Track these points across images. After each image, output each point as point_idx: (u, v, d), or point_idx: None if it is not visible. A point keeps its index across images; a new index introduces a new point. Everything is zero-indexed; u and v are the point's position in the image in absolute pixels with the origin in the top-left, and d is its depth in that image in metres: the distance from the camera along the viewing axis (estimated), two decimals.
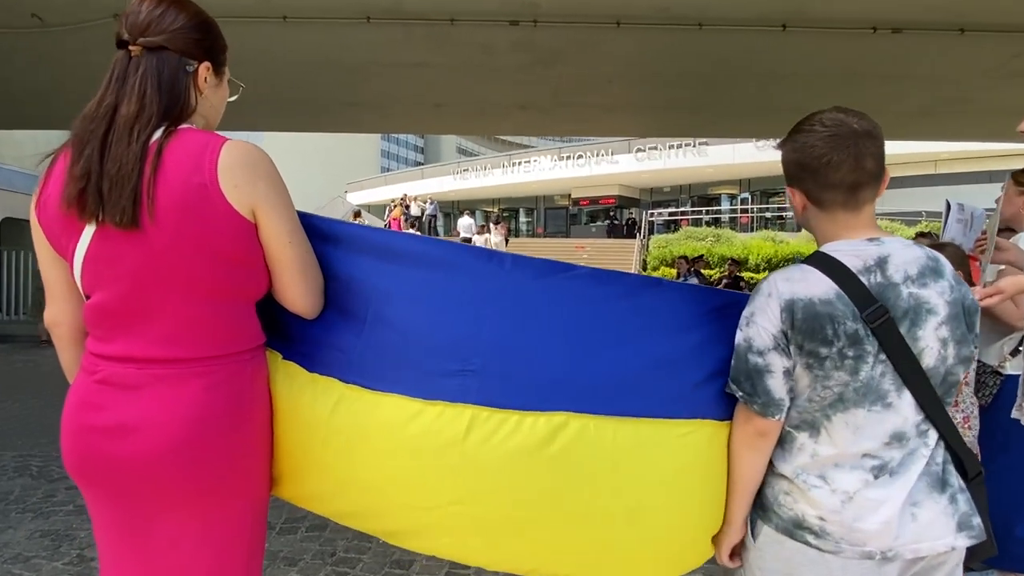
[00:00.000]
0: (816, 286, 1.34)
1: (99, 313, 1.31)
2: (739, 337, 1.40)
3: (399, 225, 20.11)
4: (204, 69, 1.38)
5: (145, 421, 1.27)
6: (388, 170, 59.01)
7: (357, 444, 1.39)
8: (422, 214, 23.37)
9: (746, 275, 16.10)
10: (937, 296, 1.35)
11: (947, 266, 1.40)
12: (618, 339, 1.42)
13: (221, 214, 1.27)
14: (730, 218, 26.72)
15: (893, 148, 20.49)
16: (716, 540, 1.51)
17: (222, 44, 1.42)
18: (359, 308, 1.42)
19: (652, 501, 1.41)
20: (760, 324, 1.36)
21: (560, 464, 1.36)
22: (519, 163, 33.03)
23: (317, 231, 1.46)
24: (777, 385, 1.36)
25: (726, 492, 1.46)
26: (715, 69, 7.84)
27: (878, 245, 1.38)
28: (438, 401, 1.36)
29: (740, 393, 1.39)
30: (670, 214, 28.08)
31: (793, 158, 1.41)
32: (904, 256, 1.37)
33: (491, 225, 19.74)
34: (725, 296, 1.54)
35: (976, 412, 2.65)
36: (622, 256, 20.02)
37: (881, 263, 1.35)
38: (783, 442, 1.41)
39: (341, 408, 1.39)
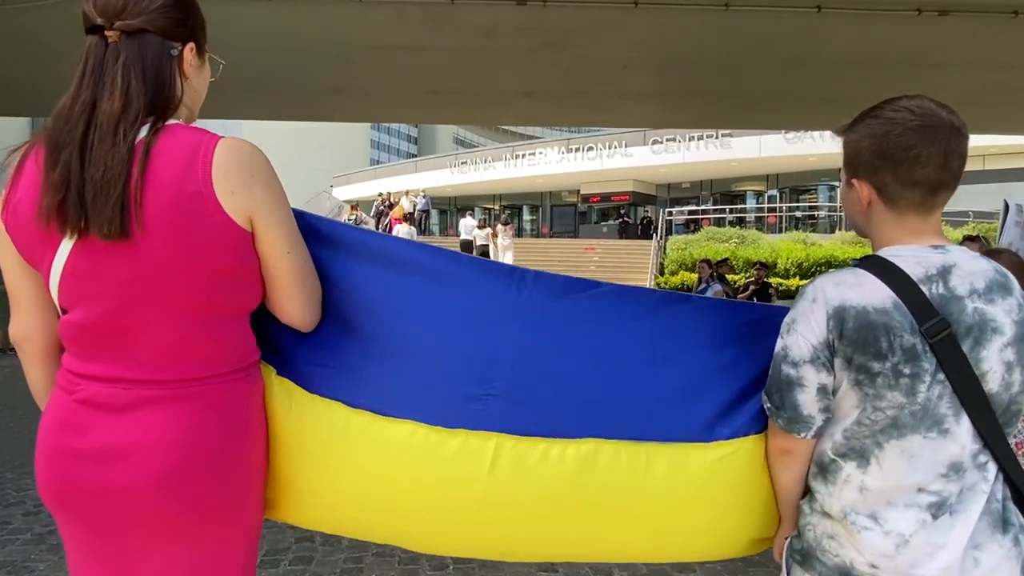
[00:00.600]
0: (871, 293, 1.32)
1: (80, 330, 1.29)
2: (778, 345, 1.40)
3: (400, 222, 20.09)
4: (189, 51, 1.36)
5: (134, 445, 1.26)
6: (378, 162, 59.19)
7: (374, 474, 1.41)
8: (414, 209, 23.39)
9: (772, 282, 16.09)
10: (1004, 314, 1.32)
11: (1016, 284, 1.38)
12: (647, 359, 1.46)
13: (216, 223, 1.26)
14: (756, 218, 26.72)
15: None
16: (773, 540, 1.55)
17: (202, 20, 1.40)
18: (364, 323, 1.44)
19: (689, 525, 1.47)
20: (800, 332, 1.35)
21: (591, 493, 1.40)
22: (523, 155, 33.07)
23: (314, 232, 1.46)
24: (807, 401, 1.36)
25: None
26: (741, 54, 7.83)
27: (943, 253, 1.35)
28: (460, 429, 1.39)
29: (768, 404, 1.41)
30: (690, 213, 28.08)
31: (871, 145, 1.37)
32: (971, 267, 1.35)
33: (499, 226, 19.75)
34: (760, 310, 1.55)
35: None
36: (636, 259, 20.01)
37: (945, 273, 1.33)
38: (827, 472, 1.39)
39: (352, 435, 1.41)
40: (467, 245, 19.70)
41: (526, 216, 37.10)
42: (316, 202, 22.38)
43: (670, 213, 25.97)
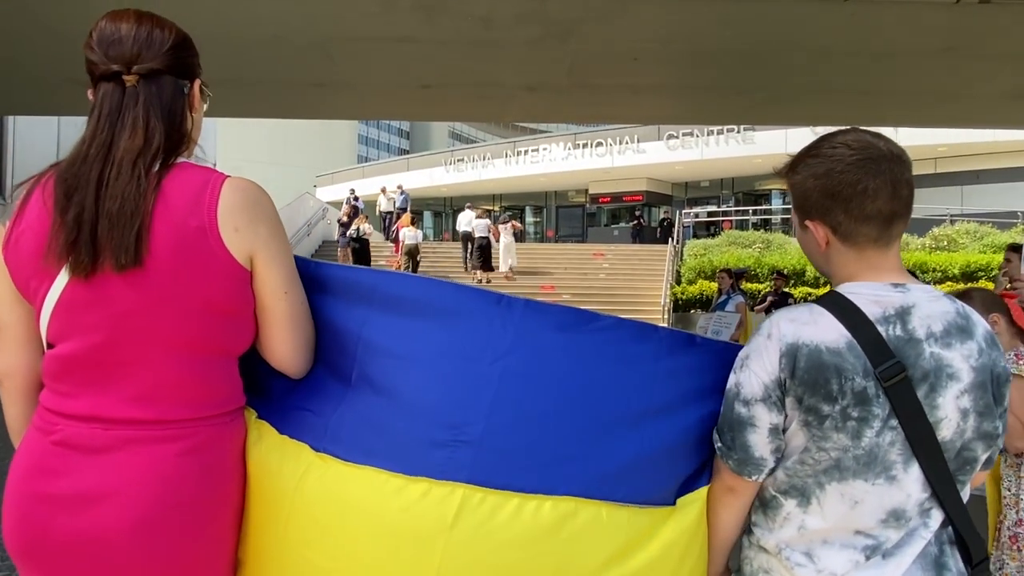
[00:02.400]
0: (826, 331, 1.37)
1: (65, 365, 1.37)
2: (731, 381, 1.45)
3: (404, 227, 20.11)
4: (197, 88, 1.51)
5: (110, 490, 1.32)
6: (367, 159, 59.37)
7: (324, 525, 1.40)
8: (392, 208, 23.42)
9: (800, 291, 16.06)
10: (962, 360, 1.38)
11: (980, 325, 1.43)
12: (645, 411, 1.46)
13: (217, 259, 1.37)
14: (783, 220, 26.71)
15: (977, 136, 20.56)
16: None
17: (198, 54, 1.54)
18: (344, 364, 1.48)
19: None
20: (753, 369, 1.41)
21: (564, 558, 1.37)
22: (526, 151, 33.14)
23: (306, 276, 1.52)
24: (759, 442, 1.41)
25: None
26: (763, 44, 7.84)
27: (903, 292, 1.41)
28: (422, 477, 1.36)
29: (719, 444, 1.46)
30: (709, 214, 28.10)
31: (816, 185, 1.44)
32: (930, 309, 1.40)
33: (500, 225, 19.79)
34: None
35: None
36: (650, 265, 20.00)
37: (903, 314, 1.38)
38: (767, 508, 1.47)
39: (309, 479, 1.41)
40: (467, 237, 19.75)
41: (529, 218, 37.15)
42: (297, 204, 22.31)
43: (687, 215, 25.98)
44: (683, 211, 26.28)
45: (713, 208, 29.56)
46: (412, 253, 19.20)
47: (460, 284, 1.56)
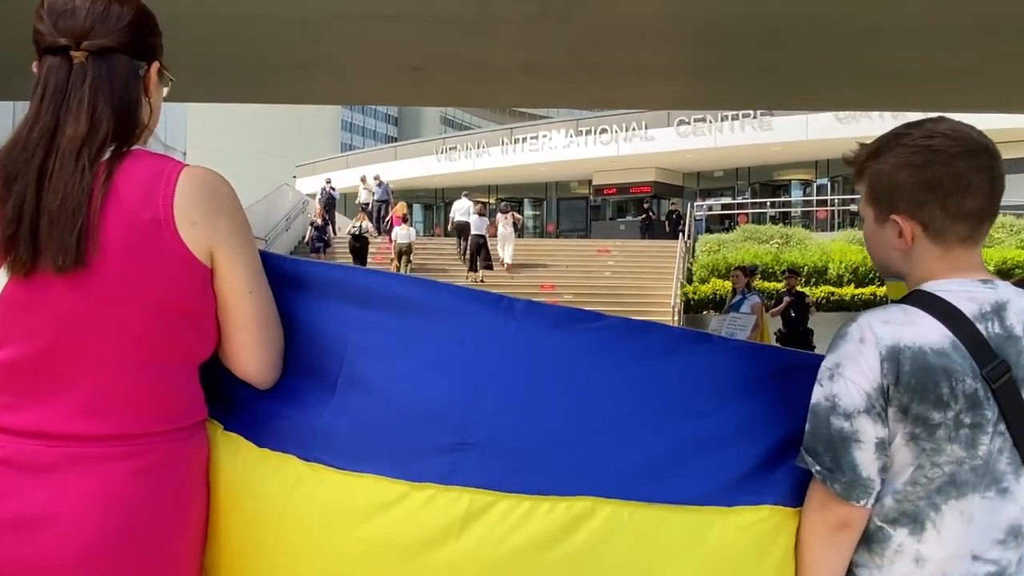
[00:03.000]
0: (927, 332, 1.35)
1: (5, 372, 1.35)
2: (818, 394, 1.40)
3: (400, 223, 20.16)
4: (155, 71, 1.48)
5: (55, 513, 1.29)
6: (351, 147, 59.52)
7: (318, 540, 1.40)
8: (370, 200, 23.47)
9: (821, 290, 16.08)
10: None
11: None
12: (658, 407, 1.47)
13: (173, 255, 1.35)
14: (803, 212, 26.79)
15: (1019, 121, 20.54)
16: None
17: (160, 34, 1.51)
18: (329, 367, 1.48)
19: None
20: (849, 377, 1.36)
21: (583, 565, 1.37)
22: (524, 139, 33.22)
23: (278, 273, 1.52)
24: (867, 460, 1.36)
25: None
26: (783, 21, 7.84)
27: (993, 288, 1.41)
28: (427, 483, 1.38)
29: (817, 468, 1.38)
30: (723, 207, 28.15)
31: (911, 176, 1.41)
32: (1022, 304, 1.40)
33: (498, 215, 19.90)
34: (792, 356, 1.60)
35: None
36: (659, 263, 20.05)
37: (999, 310, 1.38)
38: (872, 543, 1.40)
39: (299, 492, 1.41)
40: (463, 227, 19.81)
41: (528, 211, 37.24)
42: (275, 196, 22.34)
43: (699, 207, 26.03)
44: (695, 203, 26.35)
45: (727, 200, 29.62)
46: (404, 253, 19.19)
47: (456, 285, 1.58)
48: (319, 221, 21.11)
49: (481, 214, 19.97)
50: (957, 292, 1.39)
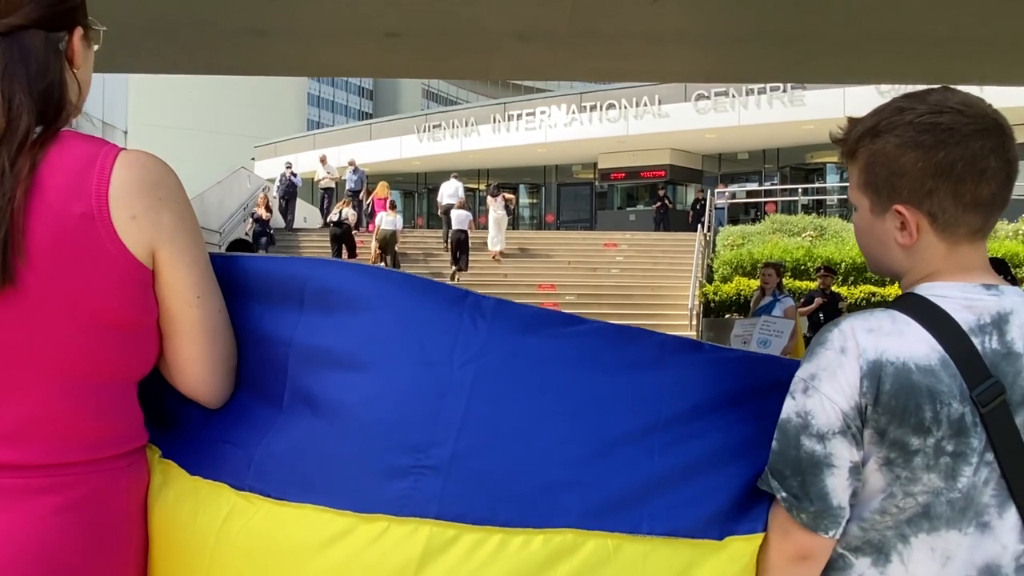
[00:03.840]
0: (915, 345, 1.35)
1: None
2: (789, 408, 1.41)
3: (384, 207, 20.12)
4: (78, 38, 1.44)
5: None
6: (319, 125, 59.36)
7: None
8: (334, 186, 23.51)
9: (860, 290, 16.09)
10: None
11: None
12: (647, 425, 1.46)
13: (109, 256, 1.32)
14: (840, 201, 26.82)
15: None
16: None
17: None
18: (274, 383, 1.47)
19: None
20: (826, 393, 1.37)
21: None
22: (519, 115, 33.17)
23: (224, 275, 1.50)
24: (839, 487, 1.37)
25: None
26: None
27: (997, 296, 1.40)
28: (378, 515, 1.35)
29: (783, 494, 1.40)
30: (748, 194, 28.18)
31: (918, 159, 1.39)
32: None
33: (488, 199, 20.01)
34: (795, 368, 1.57)
35: None
36: (675, 259, 20.07)
37: (1000, 322, 1.37)
38: (832, 570, 1.43)
39: (232, 526, 1.40)
40: (448, 211, 19.90)
41: (524, 199, 37.30)
42: (231, 181, 22.33)
43: (721, 195, 26.06)
44: (715, 190, 26.37)
45: (753, 187, 29.66)
46: (388, 243, 19.09)
47: (417, 276, 1.55)
48: (262, 213, 20.80)
49: (464, 207, 20.06)
50: (955, 299, 1.38)
